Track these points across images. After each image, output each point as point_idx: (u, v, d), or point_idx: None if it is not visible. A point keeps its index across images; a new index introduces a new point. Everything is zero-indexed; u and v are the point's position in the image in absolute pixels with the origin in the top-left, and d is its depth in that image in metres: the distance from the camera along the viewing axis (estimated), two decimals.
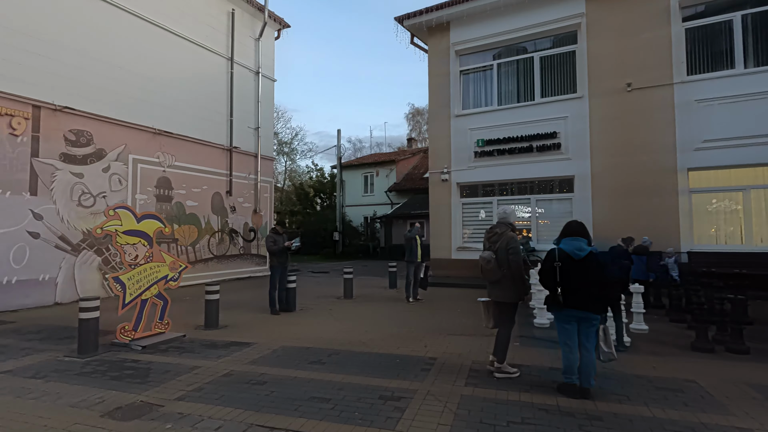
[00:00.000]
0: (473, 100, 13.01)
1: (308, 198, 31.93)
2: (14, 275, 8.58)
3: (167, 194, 11.78)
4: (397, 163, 27.99)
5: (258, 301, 9.01)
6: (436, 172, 13.05)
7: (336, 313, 7.89)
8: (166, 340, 5.91)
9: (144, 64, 11.14)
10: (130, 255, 5.84)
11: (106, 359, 5.12)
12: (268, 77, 15.54)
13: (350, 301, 9.26)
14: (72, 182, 9.63)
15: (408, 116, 52.02)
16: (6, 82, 8.52)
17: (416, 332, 6.33)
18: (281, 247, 7.90)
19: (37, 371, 4.68)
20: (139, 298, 5.86)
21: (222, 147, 13.51)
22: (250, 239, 14.54)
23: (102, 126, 10.19)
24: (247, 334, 6.29)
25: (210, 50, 13.14)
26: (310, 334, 6.24)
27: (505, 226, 4.43)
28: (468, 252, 12.37)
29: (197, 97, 12.63)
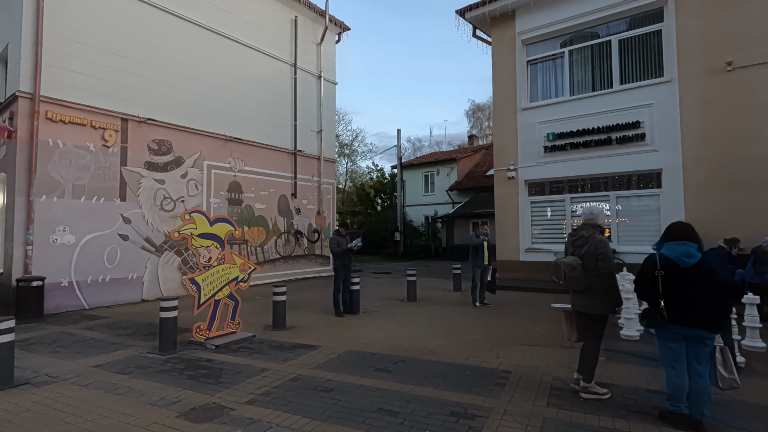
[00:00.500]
0: (542, 92, 12.19)
1: (369, 198, 32.23)
2: (108, 274, 9.43)
3: (238, 198, 12.36)
4: (458, 161, 27.30)
5: (322, 302, 9.09)
6: (501, 169, 12.41)
7: (400, 317, 7.71)
8: (238, 340, 6.08)
9: (216, 75, 11.77)
10: (204, 257, 6.08)
11: (183, 357, 5.36)
12: (330, 80, 15.79)
13: (414, 304, 9.04)
14: (155, 188, 10.40)
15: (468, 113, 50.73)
16: (100, 99, 9.37)
17: (486, 340, 5.94)
18: (344, 248, 7.88)
19: (123, 367, 4.99)
20: (213, 298, 6.09)
21: (287, 151, 13.92)
22: (314, 240, 14.86)
23: (180, 135, 10.90)
24: (312, 337, 6.30)
25: (275, 57, 13.60)
26: (375, 339, 6.11)
27: (593, 228, 3.94)
28: (537, 254, 11.61)
29: (263, 103, 13.12)
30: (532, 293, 10.22)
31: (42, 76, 8.47)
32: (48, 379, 4.61)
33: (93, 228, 9.22)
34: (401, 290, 10.54)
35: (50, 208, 8.59)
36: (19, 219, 8.23)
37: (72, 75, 8.95)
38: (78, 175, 9.03)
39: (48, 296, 8.38)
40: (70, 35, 8.93)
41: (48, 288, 8.36)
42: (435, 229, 26.92)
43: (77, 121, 9.01)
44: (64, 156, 8.84)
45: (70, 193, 8.90)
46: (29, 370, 4.90)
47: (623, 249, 10.08)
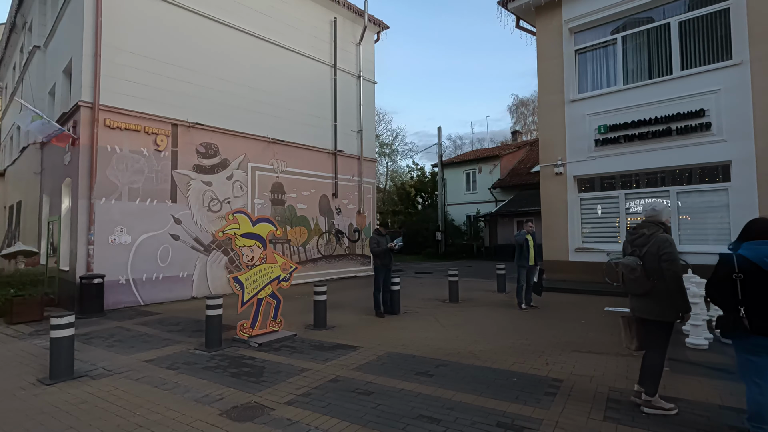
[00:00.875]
0: (591, 82, 11.49)
1: (409, 198, 32.04)
2: (161, 272, 9.90)
3: (280, 198, 12.62)
4: (500, 158, 26.50)
5: (363, 302, 9.05)
6: (548, 165, 11.84)
7: (442, 318, 7.50)
8: (279, 339, 6.14)
9: (258, 79, 12.08)
10: (247, 256, 6.19)
11: (227, 354, 5.47)
12: (369, 80, 15.79)
13: (456, 305, 8.79)
14: (203, 190, 10.81)
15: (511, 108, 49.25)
16: (152, 106, 9.86)
17: (533, 345, 5.62)
18: (384, 248, 7.79)
19: (172, 362, 5.17)
20: (256, 297, 6.19)
21: (327, 151, 14.06)
22: (354, 240, 14.91)
23: (225, 138, 11.28)
24: (352, 337, 6.25)
25: (315, 59, 13.76)
26: (416, 341, 5.96)
27: (655, 225, 3.58)
28: (588, 254, 10.96)
29: (304, 104, 13.32)
30: (582, 295, 9.65)
31: (101, 86, 9.02)
32: (104, 372, 4.85)
33: (147, 228, 9.72)
34: (443, 290, 10.30)
35: (109, 210, 9.14)
36: (82, 220, 8.82)
37: (127, 84, 9.47)
38: (133, 178, 9.55)
39: (108, 292, 8.91)
40: (125, 46, 9.46)
41: (108, 285, 8.90)
42: (477, 229, 26.29)
43: (132, 127, 9.53)
44: (121, 161, 9.38)
45: (126, 195, 9.43)
46: (88, 363, 5.19)
47: (685, 249, 9.26)
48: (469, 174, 28.06)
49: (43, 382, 4.51)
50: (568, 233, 11.29)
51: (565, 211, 11.39)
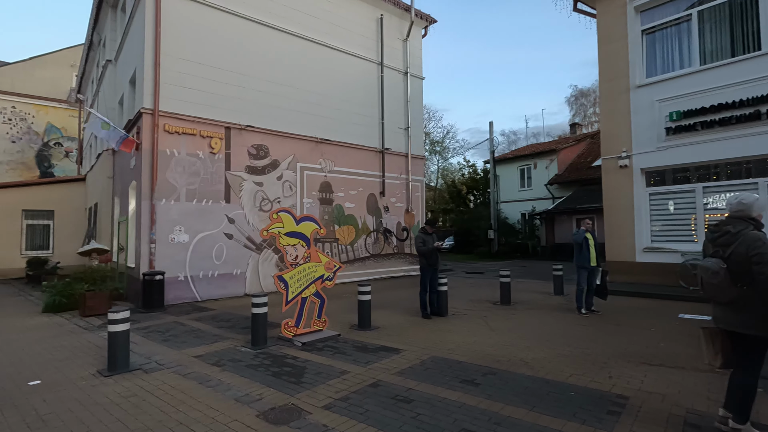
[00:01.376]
0: (661, 65, 10.40)
1: (460, 195, 31.30)
2: (216, 270, 10.32)
3: (328, 197, 12.72)
4: (558, 152, 25.09)
5: (410, 302, 8.83)
6: (611, 157, 10.90)
7: (492, 322, 7.09)
8: (323, 339, 6.09)
9: (306, 80, 12.24)
10: (291, 255, 6.20)
11: (271, 353, 5.49)
12: (417, 76, 15.51)
13: (508, 308, 8.30)
14: (255, 190, 11.14)
15: (570, 100, 46.55)
16: (207, 110, 10.29)
17: (595, 355, 5.09)
18: (431, 247, 7.51)
19: (218, 359, 5.26)
20: (300, 296, 6.19)
21: (375, 149, 13.98)
22: (403, 238, 14.72)
23: (275, 139, 11.54)
24: (397, 339, 6.05)
25: (362, 58, 13.73)
26: (463, 345, 5.64)
27: (743, 222, 3.02)
28: (658, 254, 9.95)
29: (352, 103, 13.33)
30: (651, 300, 8.76)
31: (160, 93, 9.55)
32: (156, 366, 5.04)
33: (203, 228, 10.16)
34: (494, 292, 9.82)
35: (168, 210, 9.66)
36: (144, 220, 9.39)
37: (184, 90, 9.95)
38: (190, 180, 10.02)
39: (168, 289, 9.42)
40: (182, 54, 9.94)
41: (168, 281, 9.41)
42: (533, 227, 25.08)
43: (189, 131, 10.01)
44: (179, 164, 9.87)
45: (184, 196, 9.91)
46: (144, 356, 5.43)
47: None
48: (524, 170, 26.86)
49: (102, 374, 4.76)
50: (635, 232, 10.31)
51: (632, 208, 10.41)
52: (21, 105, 25.62)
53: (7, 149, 25.03)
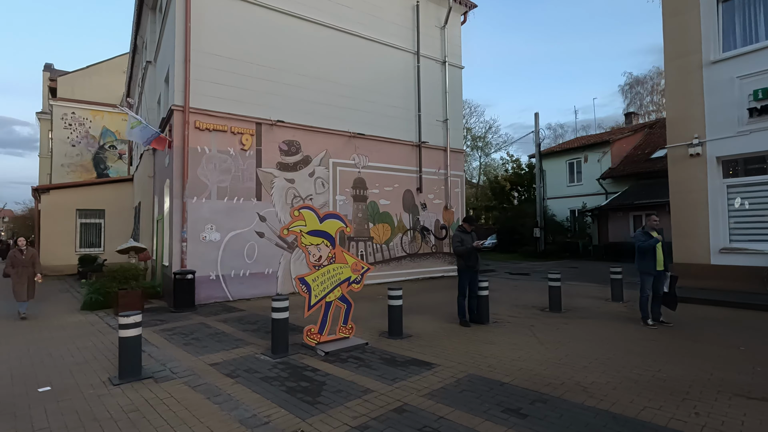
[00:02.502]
0: (742, 36, 8.98)
1: (504, 192, 29.87)
2: (247, 269, 10.09)
3: (362, 194, 12.21)
4: (611, 144, 23.19)
5: (447, 307, 8.12)
6: (679, 145, 9.58)
7: (540, 332, 6.24)
8: (348, 348, 5.54)
9: (339, 72, 11.78)
10: (314, 256, 5.70)
11: (291, 363, 5.01)
12: (455, 65, 14.65)
13: (559, 316, 7.38)
14: (286, 187, 10.82)
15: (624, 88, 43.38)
16: (237, 106, 10.08)
17: (672, 382, 4.18)
18: (469, 247, 6.75)
19: (234, 368, 4.85)
20: (323, 300, 5.68)
21: (411, 144, 13.31)
22: (441, 237, 13.96)
23: (307, 135, 11.17)
24: (430, 351, 5.39)
25: (397, 47, 13.10)
26: (506, 361, 4.88)
27: None
28: (738, 255, 8.60)
29: (386, 96, 12.73)
30: (730, 309, 7.51)
31: (190, 89, 9.41)
32: (169, 374, 4.69)
33: (234, 226, 9.96)
34: (541, 296, 8.90)
35: (199, 208, 9.52)
36: (176, 219, 9.29)
37: (214, 86, 9.77)
38: (221, 177, 9.84)
39: (200, 288, 9.28)
40: (211, 50, 9.76)
41: (200, 280, 9.27)
42: (583, 224, 23.37)
43: (219, 128, 9.82)
44: (210, 161, 9.71)
45: (215, 194, 9.75)
46: (160, 362, 5.12)
47: None
48: (573, 164, 25.11)
49: (112, 382, 4.47)
50: (710, 230, 8.99)
51: (705, 202, 9.09)
52: (80, 111, 27.22)
53: (68, 153, 26.69)
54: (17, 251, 8.21)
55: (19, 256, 8.16)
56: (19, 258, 8.14)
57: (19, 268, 8.08)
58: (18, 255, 8.17)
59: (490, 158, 44.96)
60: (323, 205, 11.30)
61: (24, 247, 8.29)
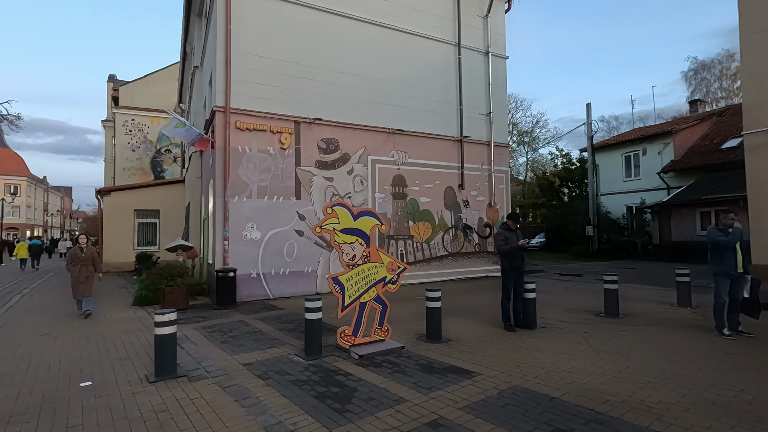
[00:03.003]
0: None
1: (552, 188, 28.46)
2: (287, 267, 10.13)
3: (402, 191, 11.92)
4: (674, 134, 21.33)
5: (490, 309, 7.66)
6: (758, 131, 8.47)
7: (595, 340, 5.66)
8: (384, 351, 5.28)
9: (377, 67, 11.56)
10: (348, 255, 5.49)
11: (323, 365, 4.82)
12: (499, 55, 13.98)
13: (616, 322, 6.71)
14: (325, 185, 10.76)
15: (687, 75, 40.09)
16: (276, 105, 10.13)
17: (758, 404, 3.55)
18: (514, 246, 6.26)
19: (266, 369, 4.74)
20: (358, 301, 5.45)
21: (452, 138, 12.84)
22: (485, 235, 13.38)
23: (345, 132, 11.05)
24: (470, 357, 5.01)
25: (437, 39, 12.68)
26: (556, 372, 4.41)
27: None
28: None
29: (426, 90, 12.36)
30: None
31: (231, 90, 9.55)
32: (203, 373, 4.66)
33: (274, 225, 10.02)
34: (596, 300, 8.20)
35: (241, 207, 9.65)
36: (218, 218, 9.47)
37: (254, 86, 9.87)
38: (261, 177, 9.93)
39: (241, 285, 9.41)
40: (251, 50, 9.86)
41: (241, 278, 9.40)
42: (642, 222, 21.69)
43: (259, 127, 9.91)
44: (250, 160, 9.82)
45: (255, 193, 9.85)
46: (196, 360, 5.12)
47: None
48: (630, 157, 23.38)
49: (148, 379, 4.49)
50: None
51: None
52: (139, 118, 29.03)
53: (129, 157, 28.55)
54: (78, 249, 8.36)
55: (79, 254, 8.30)
56: (79, 256, 8.28)
57: (79, 266, 8.22)
58: (78, 253, 8.31)
59: (538, 154, 43.20)
60: (362, 203, 11.14)
61: (84, 245, 8.42)
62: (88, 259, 8.33)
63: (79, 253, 8.29)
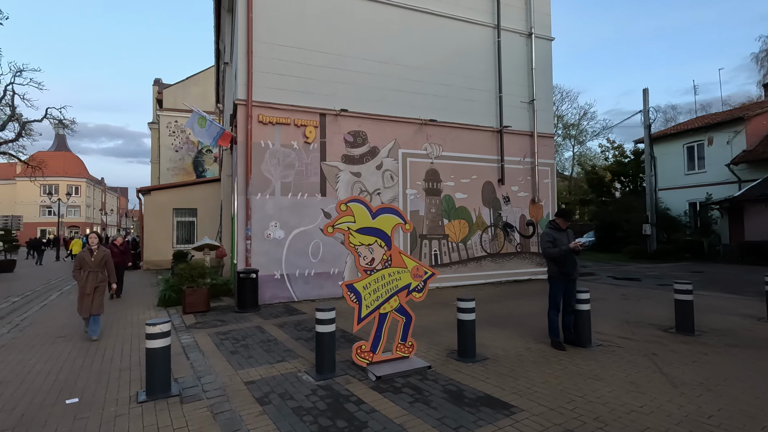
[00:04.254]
0: None
1: (603, 183, 26.39)
2: (313, 268, 9.57)
3: (435, 187, 11.05)
4: (746, 121, 18.97)
5: (536, 319, 6.69)
6: None
7: (668, 365, 4.60)
8: (406, 372, 4.51)
9: (407, 55, 10.76)
10: (365, 258, 4.75)
11: (334, 388, 4.13)
12: (544, 37, 12.74)
13: (691, 341, 5.55)
14: (352, 181, 10.11)
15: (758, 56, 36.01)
16: (300, 97, 9.58)
17: None
18: (564, 249, 5.27)
19: (269, 391, 4.11)
20: (377, 311, 4.72)
21: (491, 129, 11.80)
22: (528, 234, 12.24)
23: (374, 124, 10.34)
24: (510, 384, 4.13)
25: (473, 22, 11.67)
26: (622, 412, 3.46)
27: None
28: None
29: (461, 77, 11.40)
30: None
31: (253, 82, 9.10)
32: (199, 393, 4.10)
33: (299, 223, 9.49)
34: (661, 310, 7.01)
35: (264, 205, 9.19)
36: (240, 216, 9.05)
37: (276, 78, 9.37)
38: (285, 173, 9.43)
39: (264, 287, 8.96)
40: (273, 39, 9.36)
41: (265, 279, 8.94)
42: (707, 219, 19.49)
43: (282, 121, 9.40)
44: (274, 156, 9.34)
45: (278, 190, 9.36)
46: (197, 376, 4.59)
47: None
48: (693, 147, 21.14)
49: (138, 398, 3.99)
50: None
51: None
52: (181, 119, 29.79)
53: (172, 158, 29.42)
54: (87, 252, 6.48)
55: (88, 257, 6.42)
56: (88, 260, 6.41)
57: (87, 273, 6.38)
58: (87, 257, 6.42)
59: (585, 147, 40.65)
60: (392, 200, 10.40)
61: (95, 245, 6.52)
62: (98, 263, 6.48)
63: (87, 257, 6.43)
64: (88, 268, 6.41)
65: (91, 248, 6.53)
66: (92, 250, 6.53)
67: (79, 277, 6.39)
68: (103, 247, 6.77)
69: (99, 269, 6.50)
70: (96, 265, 6.47)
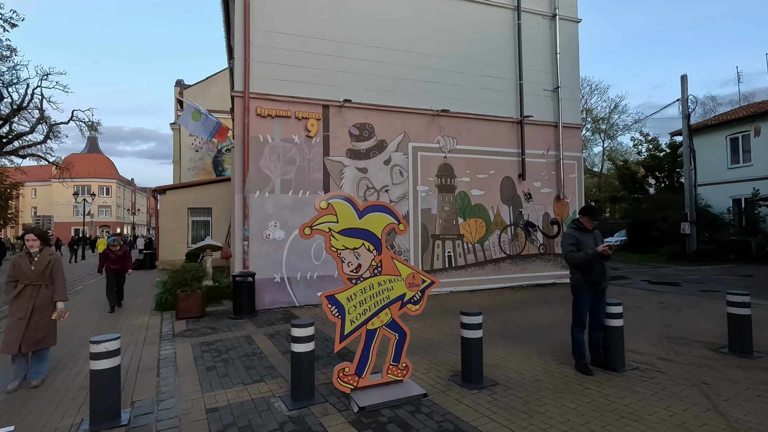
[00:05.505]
0: None
1: (635, 179, 24.76)
2: (315, 271, 8.95)
3: (449, 183, 10.22)
4: None
5: (558, 333, 5.82)
6: None
7: (724, 399, 3.68)
8: (397, 401, 3.78)
9: (418, 41, 9.97)
10: (350, 265, 4.05)
11: (306, 422, 3.44)
12: (569, 18, 11.68)
13: (751, 365, 4.57)
14: (358, 178, 9.42)
15: None
16: (301, 88, 8.96)
17: None
18: (591, 253, 4.38)
19: (230, 422, 3.46)
20: (364, 327, 4.00)
21: (510, 120, 10.86)
22: (552, 234, 11.23)
23: (381, 116, 9.61)
24: (522, 422, 3.33)
25: (490, 4, 10.76)
26: None
27: None
28: None
29: (477, 64, 10.52)
30: None
31: (250, 72, 8.54)
32: (149, 423, 3.50)
33: (300, 223, 8.81)
34: (709, 323, 6.01)
35: (262, 204, 8.62)
36: (237, 215, 8.52)
37: (276, 67, 8.77)
38: (285, 169, 8.83)
39: (263, 291, 8.40)
40: (272, 27, 8.77)
41: (263, 283, 8.38)
42: (754, 217, 17.80)
43: (282, 113, 8.81)
44: (273, 151, 8.75)
45: (278, 188, 8.77)
46: (154, 401, 4.00)
47: None
48: (737, 139, 19.41)
49: (78, 428, 3.42)
50: None
51: None
52: None
53: (192, 157, 29.54)
54: (24, 256, 4.45)
55: (26, 264, 4.41)
56: (26, 268, 4.39)
57: (22, 287, 4.36)
58: (24, 263, 4.41)
59: (616, 142, 38.68)
60: (401, 198, 9.66)
61: (37, 248, 4.46)
62: (39, 273, 4.41)
63: (25, 264, 4.42)
64: (26, 280, 4.37)
65: (29, 251, 4.46)
66: (31, 254, 4.46)
67: (11, 293, 4.35)
68: (51, 250, 4.63)
69: (40, 281, 4.42)
70: (35, 275, 4.39)
